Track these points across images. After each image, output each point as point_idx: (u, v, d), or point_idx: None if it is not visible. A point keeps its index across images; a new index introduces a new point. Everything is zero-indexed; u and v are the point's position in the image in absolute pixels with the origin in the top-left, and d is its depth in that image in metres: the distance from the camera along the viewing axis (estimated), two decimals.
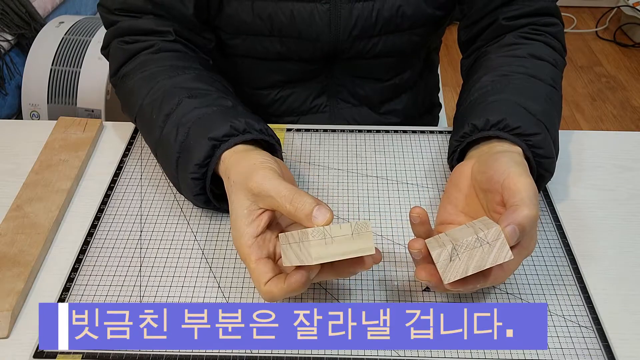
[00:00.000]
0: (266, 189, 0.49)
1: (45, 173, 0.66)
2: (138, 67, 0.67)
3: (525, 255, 0.50)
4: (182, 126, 0.59)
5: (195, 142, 0.57)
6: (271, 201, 0.49)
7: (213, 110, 0.59)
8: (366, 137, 0.73)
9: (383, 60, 0.79)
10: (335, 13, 0.72)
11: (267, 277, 0.48)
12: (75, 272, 0.56)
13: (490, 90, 0.63)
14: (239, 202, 0.51)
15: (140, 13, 0.69)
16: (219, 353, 0.50)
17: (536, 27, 0.70)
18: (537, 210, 0.48)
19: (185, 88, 0.62)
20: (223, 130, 0.56)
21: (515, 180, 0.50)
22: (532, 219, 0.47)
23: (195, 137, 0.57)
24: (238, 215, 0.51)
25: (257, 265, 0.49)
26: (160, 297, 0.54)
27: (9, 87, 1.45)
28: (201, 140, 0.56)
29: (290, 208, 0.48)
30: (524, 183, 0.50)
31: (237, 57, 0.79)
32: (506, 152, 0.55)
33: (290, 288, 0.47)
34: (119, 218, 0.62)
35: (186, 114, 0.59)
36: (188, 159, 0.57)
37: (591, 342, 0.51)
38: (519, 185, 0.49)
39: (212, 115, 0.59)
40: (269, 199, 0.49)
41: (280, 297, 0.48)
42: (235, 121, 0.57)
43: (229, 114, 0.59)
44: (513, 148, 0.57)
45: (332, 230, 0.46)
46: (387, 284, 0.55)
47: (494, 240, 0.45)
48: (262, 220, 0.50)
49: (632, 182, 0.67)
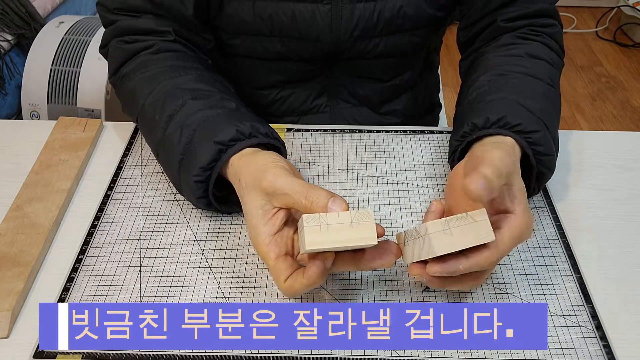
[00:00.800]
0: (280, 187, 0.50)
1: (45, 173, 0.66)
2: (138, 67, 0.66)
3: (518, 237, 0.50)
4: (186, 128, 0.59)
5: (201, 145, 0.57)
6: (286, 199, 0.50)
7: (218, 113, 0.59)
8: (366, 137, 0.73)
9: (383, 61, 0.79)
10: (337, 13, 0.72)
11: (286, 273, 0.49)
12: (75, 272, 0.56)
13: (488, 89, 0.63)
14: (252, 202, 0.52)
15: (139, 13, 0.69)
16: (219, 353, 0.50)
17: (534, 28, 0.70)
18: (499, 170, 0.49)
19: (188, 89, 0.62)
20: (229, 134, 0.56)
21: (489, 153, 0.51)
22: (496, 173, 0.48)
23: (200, 140, 0.57)
24: (253, 215, 0.52)
25: (276, 263, 0.50)
26: (160, 297, 0.54)
27: (9, 87, 1.45)
28: (206, 143, 0.56)
29: (306, 203, 0.48)
30: (496, 153, 0.51)
31: (237, 57, 0.79)
32: (494, 143, 0.56)
33: (309, 281, 0.47)
34: (119, 218, 0.62)
35: (190, 115, 0.59)
36: (192, 162, 0.57)
37: (591, 342, 0.51)
38: (490, 154, 0.51)
39: (217, 118, 0.59)
40: (283, 196, 0.50)
41: (301, 291, 0.49)
42: (241, 125, 0.57)
43: (233, 117, 0.59)
44: (506, 140, 0.57)
45: (329, 218, 0.46)
46: (387, 284, 0.55)
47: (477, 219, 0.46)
48: (278, 219, 0.51)
49: (632, 182, 0.67)
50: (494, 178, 0.48)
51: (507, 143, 0.56)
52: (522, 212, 0.51)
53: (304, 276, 0.47)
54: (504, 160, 0.51)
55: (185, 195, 0.61)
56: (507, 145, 0.56)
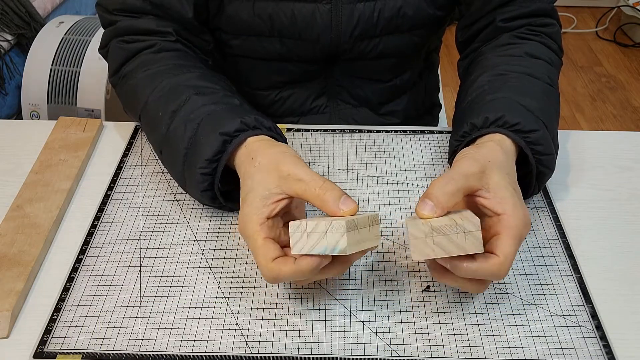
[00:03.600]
0: (297, 173, 0.51)
1: (45, 173, 0.66)
2: (140, 66, 0.66)
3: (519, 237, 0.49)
4: (190, 122, 0.59)
5: (205, 137, 0.57)
6: (299, 185, 0.50)
7: (222, 108, 0.60)
8: (366, 137, 0.73)
9: (383, 61, 0.79)
10: (337, 13, 0.72)
11: (275, 254, 0.48)
12: (75, 272, 0.56)
13: (487, 89, 0.63)
14: (261, 182, 0.52)
15: (139, 13, 0.69)
16: (219, 353, 0.50)
17: (532, 28, 0.70)
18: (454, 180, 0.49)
19: (192, 86, 0.62)
20: (234, 125, 0.57)
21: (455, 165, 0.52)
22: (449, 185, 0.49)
23: (205, 133, 0.57)
24: (257, 194, 0.51)
25: (265, 243, 0.49)
26: (160, 297, 0.54)
27: (9, 87, 1.45)
28: (211, 135, 0.57)
29: (319, 191, 0.49)
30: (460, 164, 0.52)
31: (237, 57, 0.79)
32: (481, 144, 0.56)
33: (299, 268, 0.47)
34: (119, 218, 0.62)
35: (194, 110, 0.60)
36: (197, 154, 0.57)
37: (591, 342, 0.51)
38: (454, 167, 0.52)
39: (221, 112, 0.59)
40: (297, 182, 0.50)
41: (286, 277, 0.48)
42: (246, 117, 0.58)
43: (238, 111, 0.59)
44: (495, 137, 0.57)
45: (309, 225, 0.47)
46: (387, 284, 0.55)
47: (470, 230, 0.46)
48: (279, 206, 0.51)
49: (632, 182, 0.67)
50: (444, 192, 0.48)
51: (497, 140, 0.56)
52: (512, 210, 0.49)
53: (296, 262, 0.47)
54: (463, 167, 0.51)
55: (189, 191, 0.61)
56: (494, 142, 0.56)
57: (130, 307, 0.53)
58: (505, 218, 0.49)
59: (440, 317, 0.53)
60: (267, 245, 0.49)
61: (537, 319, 0.53)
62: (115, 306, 0.53)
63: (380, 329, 0.52)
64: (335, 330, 0.52)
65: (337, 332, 0.52)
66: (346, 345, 0.51)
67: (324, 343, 0.51)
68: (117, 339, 0.51)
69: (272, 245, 0.49)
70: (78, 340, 0.51)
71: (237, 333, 0.51)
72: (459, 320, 0.52)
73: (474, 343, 0.51)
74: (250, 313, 0.53)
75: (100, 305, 0.53)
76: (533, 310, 0.53)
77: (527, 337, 0.51)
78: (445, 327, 0.52)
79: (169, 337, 0.51)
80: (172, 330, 0.52)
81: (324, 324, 0.52)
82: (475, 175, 0.51)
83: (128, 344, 0.50)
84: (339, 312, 0.53)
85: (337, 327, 0.52)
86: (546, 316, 0.53)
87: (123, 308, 0.53)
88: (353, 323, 0.52)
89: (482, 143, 0.57)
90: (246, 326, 0.52)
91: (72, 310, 0.53)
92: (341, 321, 0.52)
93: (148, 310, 0.53)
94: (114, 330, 0.51)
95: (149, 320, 0.52)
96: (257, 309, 0.53)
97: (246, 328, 0.52)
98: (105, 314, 0.53)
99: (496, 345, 0.51)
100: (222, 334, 0.51)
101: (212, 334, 0.51)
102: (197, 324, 0.52)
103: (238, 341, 0.51)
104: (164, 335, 0.51)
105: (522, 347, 0.50)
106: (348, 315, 0.53)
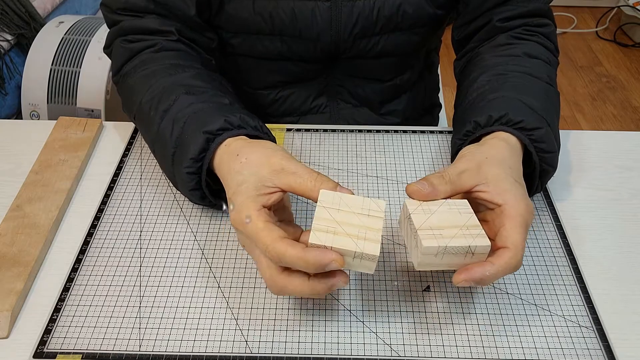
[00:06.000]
0: (290, 166, 0.50)
1: (45, 173, 0.66)
2: (139, 65, 0.67)
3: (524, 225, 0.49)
4: (177, 121, 0.59)
5: (190, 136, 0.57)
6: (293, 178, 0.50)
7: (209, 106, 0.59)
8: (366, 137, 0.73)
9: (383, 61, 0.79)
10: (336, 11, 0.72)
11: (281, 234, 0.46)
12: (75, 272, 0.56)
13: (489, 88, 0.63)
14: (254, 174, 0.51)
15: (142, 13, 0.69)
16: (219, 353, 0.50)
17: (529, 28, 0.70)
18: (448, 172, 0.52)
19: (184, 85, 0.62)
20: (217, 124, 0.56)
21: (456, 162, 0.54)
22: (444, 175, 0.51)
23: (191, 132, 0.57)
24: (251, 184, 0.50)
25: (267, 224, 0.47)
26: (160, 297, 0.54)
27: (8, 87, 1.45)
28: (196, 134, 0.57)
29: (315, 183, 0.49)
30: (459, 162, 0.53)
31: (237, 56, 0.79)
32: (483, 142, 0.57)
33: (307, 256, 0.44)
34: (119, 218, 0.62)
35: (182, 109, 0.59)
36: (183, 154, 0.57)
37: (591, 342, 0.51)
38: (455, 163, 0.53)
39: (207, 110, 0.59)
40: (291, 175, 0.50)
41: (289, 260, 0.45)
42: (230, 116, 0.57)
43: (224, 110, 0.59)
44: (510, 137, 0.57)
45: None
46: (387, 284, 0.55)
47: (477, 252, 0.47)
48: (273, 198, 0.50)
49: (632, 182, 0.67)
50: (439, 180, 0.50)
51: (503, 138, 0.56)
52: (513, 199, 0.49)
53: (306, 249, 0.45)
54: (458, 164, 0.53)
55: (180, 190, 0.61)
56: (499, 139, 0.56)
57: (130, 307, 0.53)
58: (507, 208, 0.49)
59: (440, 317, 0.53)
60: (269, 227, 0.47)
61: (537, 319, 0.53)
62: (115, 306, 0.53)
63: (380, 329, 0.52)
64: (335, 330, 0.52)
65: (337, 332, 0.52)
66: (346, 345, 0.51)
67: (324, 343, 0.51)
68: (117, 339, 0.51)
69: (276, 227, 0.47)
70: (78, 341, 0.51)
71: (237, 333, 0.51)
72: (459, 320, 0.52)
73: (474, 343, 0.51)
74: (250, 313, 0.53)
75: (100, 305, 0.53)
76: (533, 311, 0.53)
77: (527, 337, 0.51)
78: (445, 327, 0.52)
79: (169, 337, 0.51)
80: (172, 330, 0.52)
81: (324, 324, 0.52)
82: (470, 171, 0.51)
83: (128, 344, 0.50)
84: (339, 312, 0.53)
85: (337, 327, 0.52)
86: (546, 316, 0.53)
87: (123, 308, 0.53)
88: (353, 323, 0.52)
89: (485, 141, 0.57)
90: (246, 326, 0.52)
91: (72, 310, 0.53)
92: (341, 321, 0.52)
93: (148, 310, 0.53)
94: (114, 330, 0.51)
95: (149, 320, 0.52)
96: (257, 309, 0.53)
97: (246, 328, 0.52)
98: (105, 314, 0.53)
99: (496, 345, 0.51)
100: (222, 334, 0.51)
101: (212, 334, 0.51)
102: (197, 324, 0.52)
103: (238, 341, 0.51)
104: (164, 336, 0.51)
105: (522, 347, 0.50)
106: (348, 315, 0.53)
